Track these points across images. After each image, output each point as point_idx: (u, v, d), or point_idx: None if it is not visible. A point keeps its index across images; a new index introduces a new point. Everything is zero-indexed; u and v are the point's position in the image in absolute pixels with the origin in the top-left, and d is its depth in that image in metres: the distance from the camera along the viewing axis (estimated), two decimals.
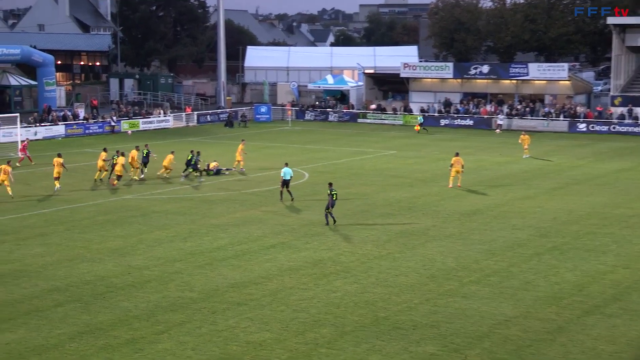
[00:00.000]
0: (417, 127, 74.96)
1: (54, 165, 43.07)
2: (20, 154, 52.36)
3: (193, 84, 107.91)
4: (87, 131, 70.98)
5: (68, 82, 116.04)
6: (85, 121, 72.26)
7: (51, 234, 32.62)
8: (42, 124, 68.47)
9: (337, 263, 28.45)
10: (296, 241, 31.70)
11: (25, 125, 66.14)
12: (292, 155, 57.21)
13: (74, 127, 70.33)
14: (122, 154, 45.41)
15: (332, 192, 34.09)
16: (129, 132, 69.45)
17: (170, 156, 46.55)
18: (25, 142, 53.62)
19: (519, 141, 57.50)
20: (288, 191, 39.86)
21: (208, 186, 44.63)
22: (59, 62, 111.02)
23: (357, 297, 24.50)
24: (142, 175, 46.38)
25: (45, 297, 24.32)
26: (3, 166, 41.63)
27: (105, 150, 46.71)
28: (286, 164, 40.45)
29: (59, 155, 43.61)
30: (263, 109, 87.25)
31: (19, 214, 36.68)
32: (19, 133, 58.66)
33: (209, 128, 78.89)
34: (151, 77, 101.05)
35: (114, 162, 44.70)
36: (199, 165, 47.73)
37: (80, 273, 26.93)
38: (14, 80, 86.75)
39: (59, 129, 69.07)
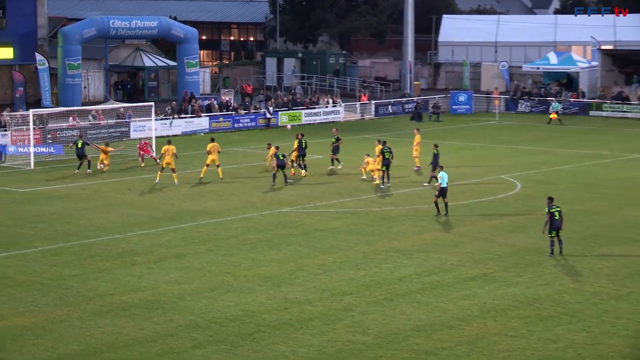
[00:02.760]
0: (554, 115, 76.47)
1: (163, 154, 47.45)
2: (150, 155, 54.28)
3: (371, 65, 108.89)
4: (235, 125, 72.96)
5: (214, 63, 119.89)
6: (234, 112, 74.25)
7: (190, 256, 33.79)
8: (182, 116, 70.83)
9: (558, 303, 27.96)
10: (503, 273, 31.37)
11: (162, 117, 68.68)
12: (499, 159, 56.67)
13: (220, 119, 72.37)
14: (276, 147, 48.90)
15: (553, 210, 33.42)
16: (289, 126, 70.87)
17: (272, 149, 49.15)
18: (143, 143, 55.20)
19: None
20: (445, 203, 39.98)
21: (388, 198, 44.87)
22: (204, 37, 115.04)
23: (586, 349, 24.02)
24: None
25: (182, 336, 25.21)
26: (102, 146, 50.45)
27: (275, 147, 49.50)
28: (441, 168, 40.68)
29: (169, 142, 48.07)
30: (462, 98, 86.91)
31: (152, 228, 38.22)
32: (154, 127, 60.71)
33: (390, 122, 79.35)
34: (318, 56, 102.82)
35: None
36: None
37: (224, 306, 27.74)
38: (149, 60, 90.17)
39: (202, 122, 71.14)
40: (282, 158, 47.18)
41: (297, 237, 36.67)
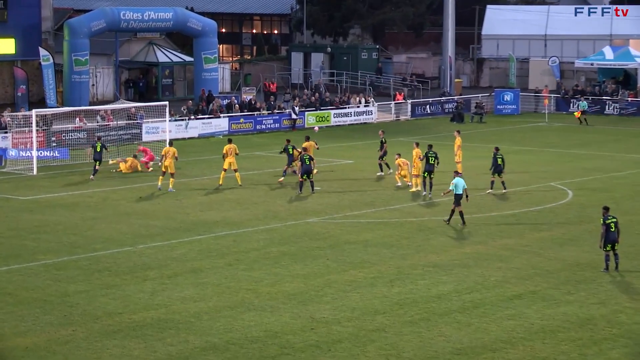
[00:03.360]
0: (578, 114, 78.64)
1: (164, 156, 47.91)
2: (153, 161, 54.52)
3: (407, 61, 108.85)
4: (257, 126, 73.05)
5: (235, 58, 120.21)
6: (257, 113, 74.32)
7: (207, 270, 33.86)
8: (199, 117, 70.97)
9: (614, 324, 27.86)
10: (553, 290, 31.28)
11: (177, 117, 68.81)
12: (549, 164, 56.53)
13: (241, 120, 72.47)
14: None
15: (609, 221, 33.29)
16: (316, 127, 70.81)
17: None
18: (142, 149, 55.53)
19: None
20: (452, 210, 40.39)
21: (425, 208, 44.81)
22: (223, 30, 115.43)
23: None
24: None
25: (198, 358, 25.25)
26: (130, 159, 53.94)
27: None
28: (456, 173, 41.15)
29: (170, 144, 48.95)
30: (507, 97, 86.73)
31: (165, 240, 38.33)
32: (168, 129, 60.86)
33: (427, 123, 79.28)
34: (349, 51, 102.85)
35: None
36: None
37: (245, 326, 27.78)
38: (163, 55, 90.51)
39: (221, 123, 71.22)
40: (308, 163, 47.17)
41: (324, 250, 36.69)
